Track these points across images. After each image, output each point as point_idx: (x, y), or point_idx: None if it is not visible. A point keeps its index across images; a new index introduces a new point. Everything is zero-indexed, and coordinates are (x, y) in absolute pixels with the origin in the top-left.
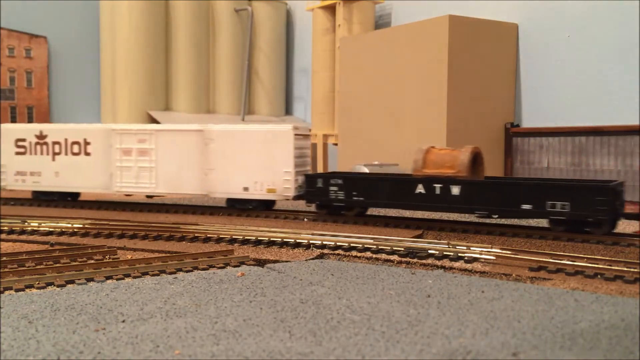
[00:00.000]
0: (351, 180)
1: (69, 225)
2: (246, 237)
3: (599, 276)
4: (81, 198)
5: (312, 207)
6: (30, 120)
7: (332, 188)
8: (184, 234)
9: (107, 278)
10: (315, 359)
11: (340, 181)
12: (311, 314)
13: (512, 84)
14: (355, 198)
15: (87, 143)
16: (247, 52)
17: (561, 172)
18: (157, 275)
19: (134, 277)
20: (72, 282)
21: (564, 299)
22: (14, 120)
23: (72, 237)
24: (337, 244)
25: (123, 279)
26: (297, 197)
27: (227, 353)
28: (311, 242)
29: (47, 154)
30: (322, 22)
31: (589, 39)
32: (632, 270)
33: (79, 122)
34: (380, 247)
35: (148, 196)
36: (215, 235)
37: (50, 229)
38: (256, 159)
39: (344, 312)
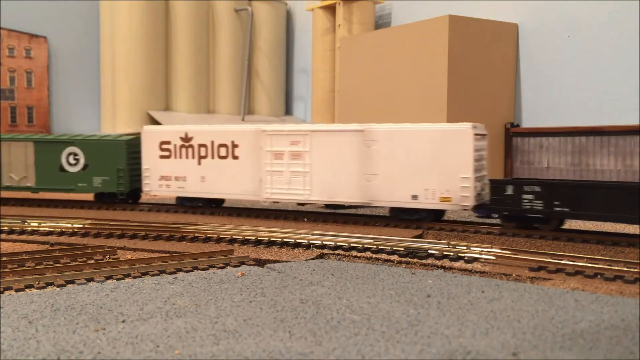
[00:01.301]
0: (554, 186)
1: (69, 225)
2: (246, 237)
3: (599, 276)
4: (226, 204)
5: (497, 219)
6: (30, 121)
7: (526, 196)
8: (184, 234)
9: (107, 278)
10: (315, 359)
11: (537, 188)
12: (311, 314)
13: (512, 84)
14: (557, 209)
15: (234, 145)
16: (247, 52)
17: (561, 172)
18: (157, 275)
19: (134, 277)
20: (72, 282)
21: (564, 299)
22: (13, 120)
23: (72, 237)
24: (337, 244)
25: (123, 279)
26: (476, 207)
27: (227, 353)
28: (311, 242)
29: (193, 157)
30: (322, 22)
31: (589, 39)
32: (632, 270)
33: (78, 123)
34: (380, 247)
35: (300, 204)
36: (215, 235)
37: (50, 229)
38: (428, 162)
39: (344, 312)
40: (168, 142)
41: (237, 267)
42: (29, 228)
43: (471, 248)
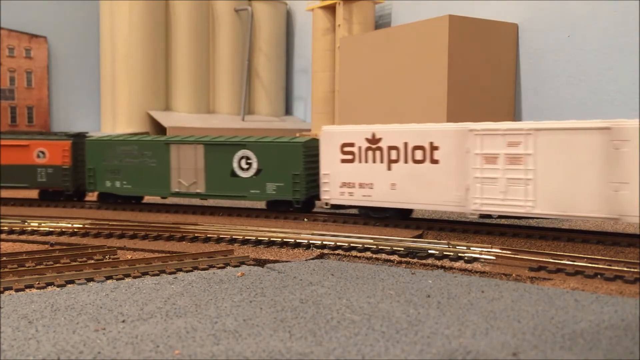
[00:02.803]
0: None
1: (69, 225)
2: (246, 237)
3: (599, 276)
4: (415, 214)
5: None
6: (30, 121)
7: None
8: (184, 234)
9: (107, 278)
10: (315, 359)
11: None
12: (311, 314)
13: (512, 84)
14: None
15: (434, 148)
16: (247, 52)
17: None
18: (157, 275)
19: (134, 277)
20: (72, 282)
21: (564, 299)
22: (13, 120)
23: (72, 237)
24: (337, 244)
25: (123, 279)
26: None
27: (227, 353)
28: (311, 242)
29: (382, 161)
30: (322, 22)
31: (589, 39)
32: (632, 270)
33: (78, 123)
34: (380, 247)
35: (516, 217)
36: (215, 235)
37: (50, 229)
38: None
39: (344, 312)
40: (351, 144)
41: (237, 267)
42: (29, 228)
43: (471, 248)
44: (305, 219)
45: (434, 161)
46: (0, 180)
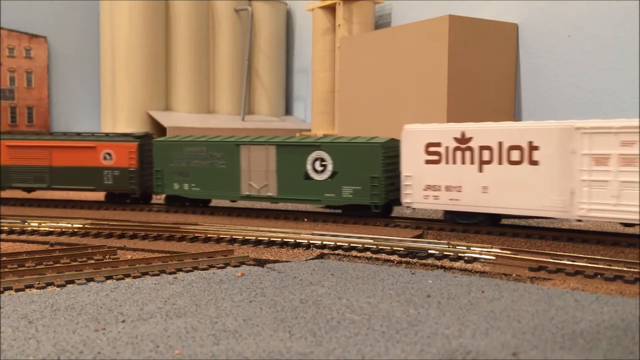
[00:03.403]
0: None
1: (69, 225)
2: (246, 237)
3: (599, 276)
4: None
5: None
6: (30, 121)
7: None
8: (184, 234)
9: (107, 278)
10: (315, 359)
11: None
12: (311, 314)
13: (512, 84)
14: None
15: (533, 148)
16: (247, 52)
17: None
18: (157, 275)
19: (134, 277)
20: (72, 282)
21: (564, 299)
22: (13, 120)
23: (72, 237)
24: (337, 244)
25: (123, 279)
26: None
27: (227, 353)
28: (311, 242)
29: (472, 162)
30: (322, 22)
31: (589, 39)
32: (632, 270)
33: (78, 123)
34: (380, 247)
35: (626, 224)
36: (215, 235)
37: (50, 229)
38: None
39: (344, 312)
40: (437, 144)
41: (237, 267)
42: (29, 228)
43: (471, 248)
44: (305, 219)
45: (533, 162)
46: (68, 183)
